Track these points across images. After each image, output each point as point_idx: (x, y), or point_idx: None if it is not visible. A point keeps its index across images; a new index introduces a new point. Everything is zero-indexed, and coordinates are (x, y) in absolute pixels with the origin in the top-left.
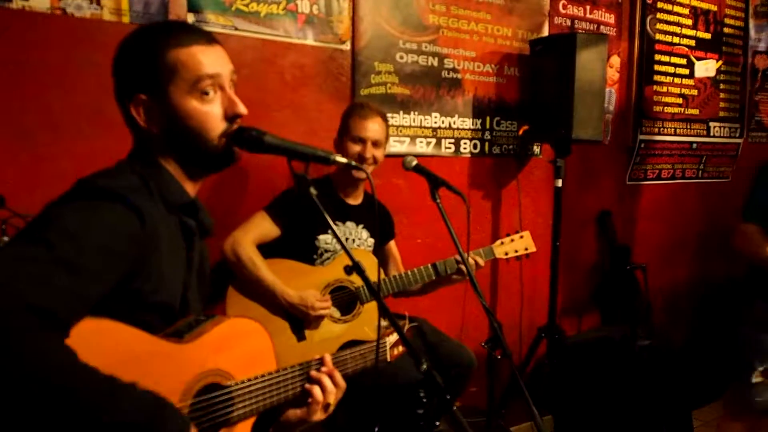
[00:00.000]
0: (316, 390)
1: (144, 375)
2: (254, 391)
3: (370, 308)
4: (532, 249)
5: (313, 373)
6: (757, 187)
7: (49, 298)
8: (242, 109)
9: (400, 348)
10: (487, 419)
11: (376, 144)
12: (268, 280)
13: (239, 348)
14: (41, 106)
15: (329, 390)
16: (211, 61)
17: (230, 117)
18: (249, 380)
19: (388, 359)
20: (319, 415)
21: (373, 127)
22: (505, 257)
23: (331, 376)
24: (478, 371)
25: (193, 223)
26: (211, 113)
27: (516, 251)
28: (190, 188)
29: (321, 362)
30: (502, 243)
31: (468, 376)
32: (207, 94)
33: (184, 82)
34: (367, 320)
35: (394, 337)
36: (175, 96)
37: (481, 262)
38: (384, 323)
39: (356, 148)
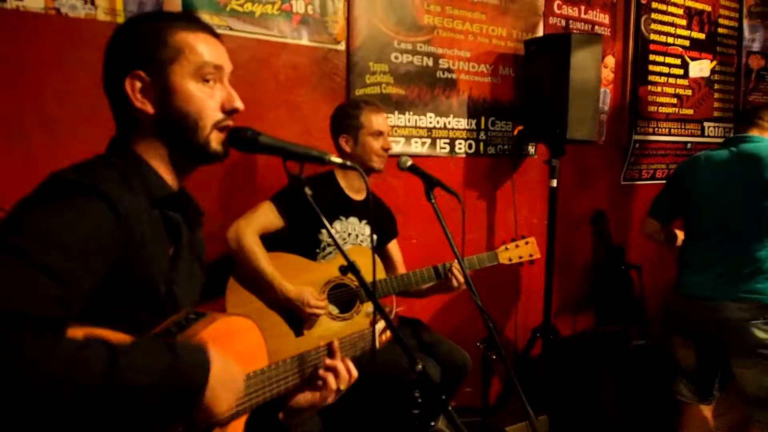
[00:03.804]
0: (330, 377)
1: None
2: (245, 390)
3: (370, 307)
4: (537, 255)
5: (329, 361)
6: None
7: (32, 305)
8: (240, 104)
9: (388, 333)
10: (482, 419)
11: (388, 134)
12: (267, 272)
13: (232, 347)
14: (36, 106)
15: (343, 377)
16: (216, 53)
17: (227, 110)
18: None
19: (378, 346)
20: (331, 399)
21: (386, 119)
22: (508, 263)
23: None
24: (472, 371)
25: (179, 216)
26: (209, 100)
27: (520, 257)
28: (173, 181)
29: (317, 353)
30: (506, 248)
31: (463, 377)
32: (208, 81)
33: (189, 64)
34: (365, 320)
35: (381, 324)
36: (176, 77)
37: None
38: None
39: (379, 142)
